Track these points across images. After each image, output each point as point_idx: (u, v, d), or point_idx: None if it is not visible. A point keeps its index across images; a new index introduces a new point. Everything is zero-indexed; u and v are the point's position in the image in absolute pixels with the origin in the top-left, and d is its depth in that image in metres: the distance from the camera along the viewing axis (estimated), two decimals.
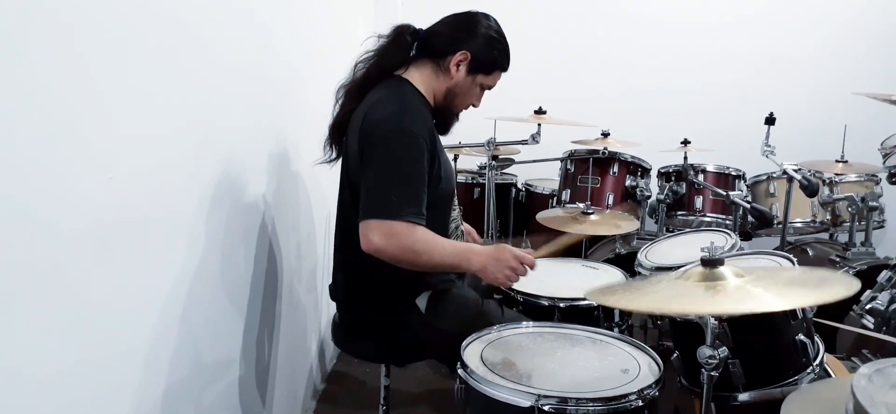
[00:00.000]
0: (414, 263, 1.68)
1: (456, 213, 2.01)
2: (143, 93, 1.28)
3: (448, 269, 1.79)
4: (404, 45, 1.84)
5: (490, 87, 1.90)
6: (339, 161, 1.91)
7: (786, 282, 1.22)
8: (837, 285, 1.17)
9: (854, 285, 1.17)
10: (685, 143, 3.32)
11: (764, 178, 3.29)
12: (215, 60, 1.62)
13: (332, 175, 1.94)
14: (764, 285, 1.21)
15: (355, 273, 1.87)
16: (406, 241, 1.64)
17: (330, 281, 1.98)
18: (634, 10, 4.17)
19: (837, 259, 2.84)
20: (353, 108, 1.83)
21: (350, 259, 1.88)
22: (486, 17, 1.86)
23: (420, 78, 1.84)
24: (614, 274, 2.30)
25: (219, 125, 1.66)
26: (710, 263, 1.28)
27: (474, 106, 1.92)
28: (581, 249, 3.06)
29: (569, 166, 3.28)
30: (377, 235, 1.63)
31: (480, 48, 1.82)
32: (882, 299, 2.05)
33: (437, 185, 1.77)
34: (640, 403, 1.35)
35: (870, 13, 4.01)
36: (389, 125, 1.69)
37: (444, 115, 1.90)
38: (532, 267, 1.73)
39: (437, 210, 1.75)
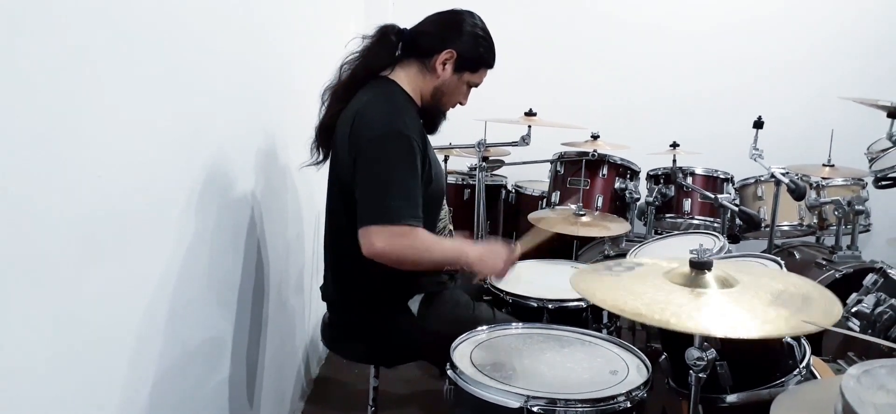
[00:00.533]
0: (416, 264, 1.69)
1: (444, 213, 2.01)
2: (134, 91, 1.27)
3: (447, 265, 1.81)
4: (389, 45, 1.84)
5: (477, 85, 1.90)
6: (327, 163, 1.91)
7: (771, 300, 1.23)
8: (818, 308, 1.19)
9: (836, 310, 1.20)
10: (674, 146, 3.33)
11: (752, 181, 3.31)
12: (206, 59, 1.62)
13: (321, 175, 1.94)
14: (750, 306, 1.21)
15: (346, 275, 1.87)
16: (409, 243, 1.64)
17: (320, 282, 1.97)
18: (624, 14, 4.18)
19: (824, 262, 2.86)
20: (339, 109, 1.83)
21: (340, 260, 1.87)
22: (471, 14, 1.86)
23: (406, 78, 1.84)
24: None
25: (209, 124, 1.66)
26: (699, 265, 1.29)
27: (462, 104, 1.92)
28: (571, 250, 3.07)
29: (558, 168, 3.29)
30: (380, 240, 1.62)
31: (466, 46, 1.82)
32: (867, 302, 2.07)
33: (428, 186, 1.77)
34: (629, 405, 1.35)
35: (857, 20, 4.04)
36: (382, 128, 1.68)
37: (432, 114, 1.89)
38: (515, 260, 1.81)
39: (427, 211, 1.75)
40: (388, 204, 1.63)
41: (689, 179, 3.23)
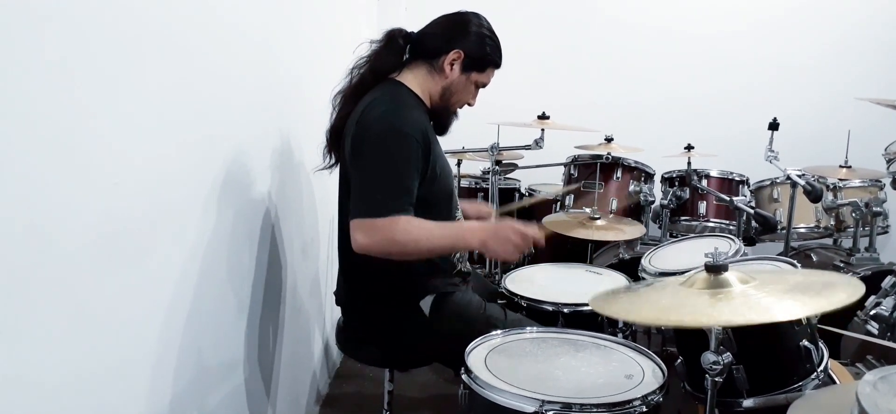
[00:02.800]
0: (403, 254, 1.70)
1: (458, 214, 2.01)
2: (149, 99, 1.28)
3: (444, 251, 1.80)
4: (396, 48, 1.87)
5: (485, 85, 1.92)
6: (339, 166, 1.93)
7: (790, 288, 1.22)
8: (842, 290, 1.17)
9: (859, 289, 1.17)
10: (689, 148, 3.31)
11: (767, 183, 3.29)
12: (220, 65, 1.63)
13: (336, 178, 1.95)
14: (768, 292, 1.20)
15: (356, 276, 1.89)
16: (387, 234, 1.65)
17: (335, 286, 1.99)
18: (638, 16, 4.17)
19: (841, 265, 2.84)
20: (348, 112, 1.86)
21: (350, 262, 1.89)
22: (477, 15, 1.89)
23: (415, 80, 1.87)
24: (618, 279, 2.30)
25: (223, 129, 1.67)
26: (714, 268, 1.29)
27: (470, 104, 1.94)
28: (585, 253, 3.06)
29: (572, 171, 3.28)
30: (360, 233, 1.66)
31: (473, 46, 1.84)
32: (886, 305, 2.05)
33: (433, 185, 1.78)
34: (645, 409, 1.35)
35: (874, 20, 4.00)
36: (380, 125, 1.71)
37: (442, 114, 1.92)
38: (538, 238, 1.76)
39: (436, 210, 1.76)
40: (372, 198, 1.66)
41: (704, 182, 3.21)
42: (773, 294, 1.20)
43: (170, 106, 1.36)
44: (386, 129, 1.70)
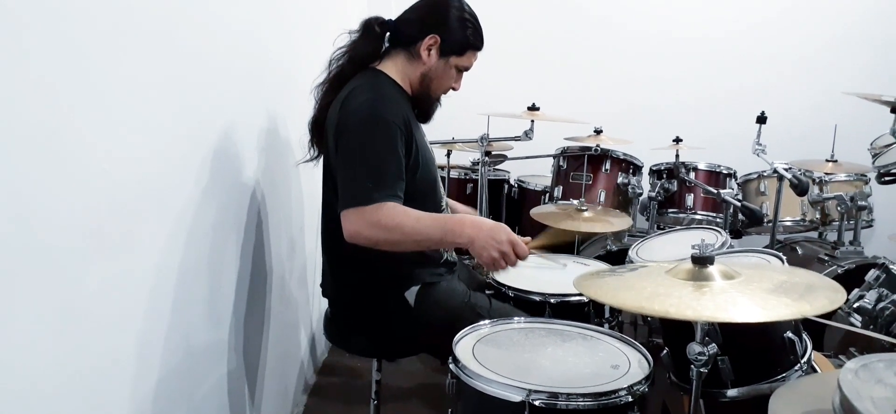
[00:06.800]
0: (390, 242, 1.67)
1: (444, 205, 2.01)
2: (137, 87, 1.27)
3: (431, 242, 1.76)
4: (374, 36, 1.86)
5: (466, 68, 1.90)
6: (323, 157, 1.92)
7: (772, 288, 1.23)
8: (822, 295, 1.18)
9: (840, 295, 1.19)
10: (677, 140, 3.32)
11: (754, 176, 3.31)
12: (209, 55, 1.62)
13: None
14: (750, 292, 1.21)
15: (341, 267, 1.89)
16: (374, 221, 1.64)
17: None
18: (629, 9, 4.17)
19: (826, 258, 2.86)
20: (329, 103, 1.85)
21: (335, 253, 1.89)
22: None
23: (394, 68, 1.86)
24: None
25: (212, 119, 1.66)
26: (700, 260, 1.29)
27: (454, 89, 1.92)
28: (573, 245, 3.07)
29: (561, 163, 3.29)
30: (350, 222, 1.65)
31: (450, 30, 1.82)
32: (869, 298, 2.08)
33: (416, 174, 1.77)
34: (630, 399, 1.36)
35: (861, 16, 4.03)
36: (361, 114, 1.70)
37: (423, 101, 1.90)
38: (523, 258, 1.73)
39: (420, 199, 1.75)
40: (357, 187, 1.65)
41: (692, 174, 3.22)
42: (756, 293, 1.21)
43: (156, 95, 1.35)
44: (367, 117, 1.70)
